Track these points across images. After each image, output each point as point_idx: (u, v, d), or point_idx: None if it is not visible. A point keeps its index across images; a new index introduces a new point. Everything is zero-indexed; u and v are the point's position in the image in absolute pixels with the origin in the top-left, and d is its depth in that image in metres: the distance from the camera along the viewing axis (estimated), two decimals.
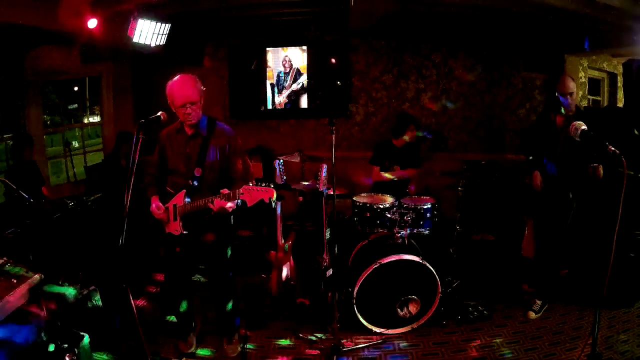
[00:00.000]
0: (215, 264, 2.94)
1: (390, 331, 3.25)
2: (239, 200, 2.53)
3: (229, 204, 2.54)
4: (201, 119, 2.74)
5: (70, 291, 3.02)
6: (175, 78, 2.65)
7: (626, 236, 3.39)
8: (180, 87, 2.61)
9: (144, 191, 2.82)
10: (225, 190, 2.53)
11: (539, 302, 3.46)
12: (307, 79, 5.40)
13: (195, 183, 2.71)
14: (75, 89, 5.79)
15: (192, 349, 3.07)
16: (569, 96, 3.22)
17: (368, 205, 3.57)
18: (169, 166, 2.82)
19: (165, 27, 4.23)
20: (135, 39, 3.99)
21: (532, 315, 3.42)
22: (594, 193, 3.31)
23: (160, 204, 2.77)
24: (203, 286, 3.09)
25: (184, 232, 2.75)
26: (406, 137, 4.27)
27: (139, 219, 2.79)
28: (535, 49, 5.14)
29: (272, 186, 2.45)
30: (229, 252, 2.97)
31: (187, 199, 2.70)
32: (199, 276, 3.91)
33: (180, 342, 3.08)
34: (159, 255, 3.01)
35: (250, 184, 2.44)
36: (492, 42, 5.21)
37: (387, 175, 4.29)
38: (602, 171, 3.17)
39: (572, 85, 3.24)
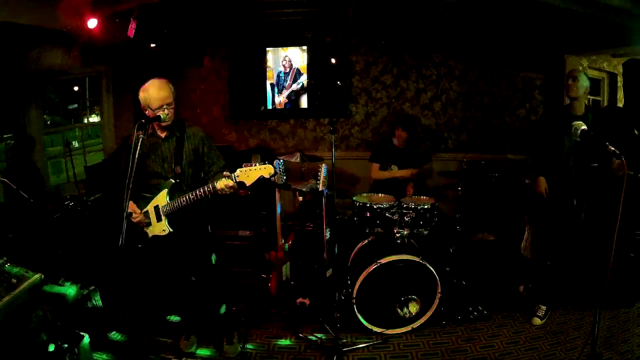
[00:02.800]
0: (200, 271, 2.97)
1: (390, 331, 3.25)
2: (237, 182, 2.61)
3: (231, 183, 2.60)
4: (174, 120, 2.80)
5: (70, 291, 3.03)
6: (150, 82, 2.72)
7: (626, 236, 3.39)
8: (157, 90, 2.68)
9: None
10: (227, 173, 2.63)
11: (543, 307, 3.40)
12: (307, 79, 5.40)
13: (177, 181, 2.77)
14: (75, 89, 5.79)
15: (193, 349, 3.07)
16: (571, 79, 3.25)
17: (368, 205, 3.58)
18: (141, 169, 2.76)
19: (165, 28, 4.23)
20: (135, 39, 3.99)
21: (537, 321, 3.34)
22: (594, 193, 3.31)
23: (137, 208, 2.77)
24: (192, 283, 3.09)
25: (172, 231, 2.77)
26: (397, 137, 4.27)
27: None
28: (535, 49, 5.14)
29: (267, 162, 2.58)
30: (214, 259, 3.00)
31: (169, 198, 2.75)
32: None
33: (180, 342, 3.08)
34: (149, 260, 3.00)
35: (244, 166, 2.58)
36: (492, 42, 5.21)
37: (386, 174, 4.29)
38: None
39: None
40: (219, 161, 2.92)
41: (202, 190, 2.66)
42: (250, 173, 2.58)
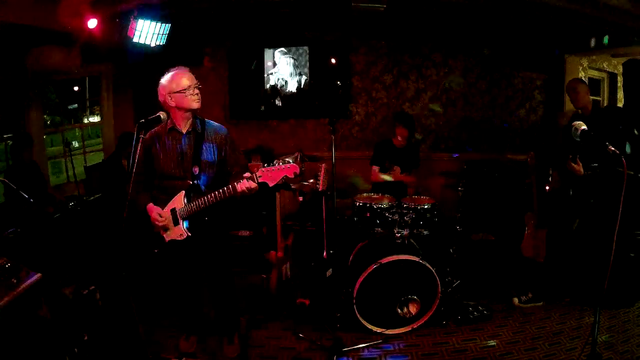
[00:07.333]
0: (217, 263, 2.93)
1: (390, 331, 3.25)
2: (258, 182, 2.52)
3: (254, 184, 2.51)
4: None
5: (69, 291, 3.03)
6: (170, 71, 2.65)
7: (626, 236, 3.39)
8: (183, 72, 2.63)
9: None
10: (248, 174, 2.52)
11: (530, 294, 3.55)
12: (307, 79, 5.40)
13: (195, 182, 2.68)
14: (75, 89, 5.80)
15: (193, 349, 3.07)
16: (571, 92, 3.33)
17: (368, 205, 3.58)
18: (157, 170, 2.73)
19: (165, 27, 4.23)
20: (135, 39, 3.99)
21: (516, 301, 3.54)
22: (595, 193, 3.31)
23: (162, 210, 2.69)
24: (203, 286, 3.10)
25: (189, 235, 2.70)
26: (398, 137, 4.26)
27: (138, 218, 2.76)
28: (535, 49, 5.14)
29: (292, 161, 2.47)
30: (228, 252, 2.97)
31: (186, 200, 2.67)
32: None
33: (180, 342, 3.08)
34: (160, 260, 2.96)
35: (266, 166, 2.47)
36: (492, 42, 5.21)
37: (386, 177, 4.28)
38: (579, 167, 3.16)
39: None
40: (241, 161, 2.82)
41: (221, 192, 2.55)
42: (274, 173, 2.45)
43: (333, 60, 5.35)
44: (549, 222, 3.62)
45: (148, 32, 4.07)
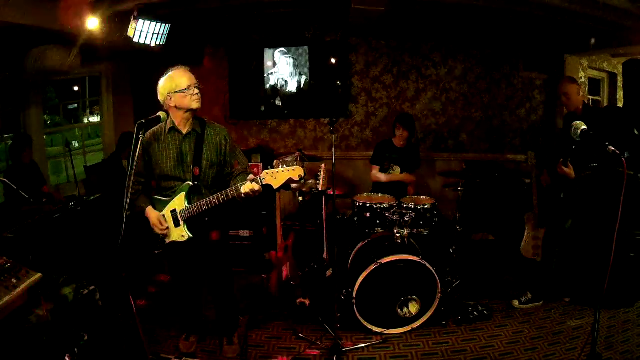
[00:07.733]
0: (218, 263, 2.92)
1: (390, 331, 3.25)
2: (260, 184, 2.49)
3: (258, 187, 2.48)
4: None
5: (69, 291, 3.03)
6: (168, 72, 2.65)
7: (626, 236, 3.39)
8: (183, 72, 2.63)
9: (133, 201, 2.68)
10: (252, 176, 2.50)
11: (529, 294, 3.57)
12: (307, 79, 5.40)
13: (196, 183, 2.67)
14: (75, 89, 5.79)
15: (193, 349, 3.07)
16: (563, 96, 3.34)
17: (368, 205, 3.58)
18: (156, 170, 2.71)
19: (165, 27, 4.22)
20: (135, 39, 3.98)
21: (516, 303, 3.56)
22: (592, 193, 3.31)
23: (161, 216, 2.69)
24: (203, 286, 3.09)
25: (191, 236, 2.69)
26: (398, 137, 4.25)
27: (139, 219, 2.76)
28: (535, 49, 5.14)
29: (295, 163, 2.47)
30: (228, 252, 2.97)
31: (187, 201, 2.66)
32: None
33: (180, 342, 3.08)
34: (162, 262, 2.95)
35: (270, 168, 2.46)
36: (492, 42, 5.21)
37: (384, 177, 4.27)
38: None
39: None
40: (242, 161, 2.80)
41: (224, 194, 2.54)
42: (278, 175, 2.43)
43: (333, 60, 5.35)
44: (548, 222, 3.64)
45: (148, 32, 4.07)
